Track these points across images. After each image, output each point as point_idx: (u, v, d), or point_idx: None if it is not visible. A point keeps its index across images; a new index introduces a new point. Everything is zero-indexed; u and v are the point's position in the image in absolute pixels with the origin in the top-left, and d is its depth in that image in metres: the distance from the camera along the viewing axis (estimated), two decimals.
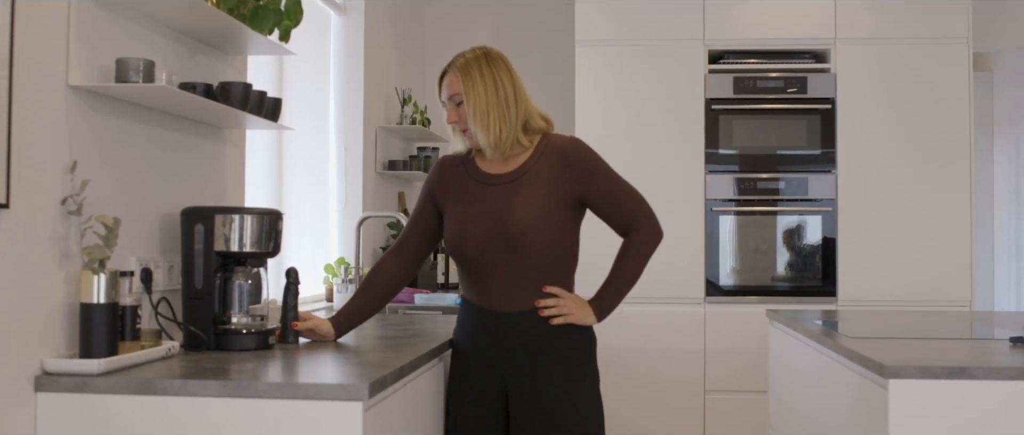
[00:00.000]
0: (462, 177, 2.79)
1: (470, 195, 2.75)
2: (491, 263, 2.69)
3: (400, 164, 5.13)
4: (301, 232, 4.34)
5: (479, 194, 2.74)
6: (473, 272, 2.74)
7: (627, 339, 5.14)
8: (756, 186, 5.23)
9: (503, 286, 2.71)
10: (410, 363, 2.53)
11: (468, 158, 2.82)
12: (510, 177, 2.74)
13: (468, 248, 2.70)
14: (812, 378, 3.40)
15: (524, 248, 2.67)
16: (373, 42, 4.92)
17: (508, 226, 2.66)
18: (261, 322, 2.74)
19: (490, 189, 2.74)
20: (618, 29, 5.29)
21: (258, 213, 2.72)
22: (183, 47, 2.86)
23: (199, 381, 2.15)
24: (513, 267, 2.69)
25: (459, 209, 2.74)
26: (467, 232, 2.70)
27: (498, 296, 2.72)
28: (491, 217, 2.68)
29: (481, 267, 2.71)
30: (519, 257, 2.68)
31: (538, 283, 2.72)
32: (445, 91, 2.78)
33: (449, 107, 2.76)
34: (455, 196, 2.77)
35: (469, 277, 2.77)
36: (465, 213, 2.73)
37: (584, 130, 5.22)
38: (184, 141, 2.90)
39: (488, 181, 2.75)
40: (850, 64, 5.26)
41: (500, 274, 2.70)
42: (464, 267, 2.77)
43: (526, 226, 2.66)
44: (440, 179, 2.83)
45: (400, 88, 5.27)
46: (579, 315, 2.72)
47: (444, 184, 2.82)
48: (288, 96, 4.09)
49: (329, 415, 2.10)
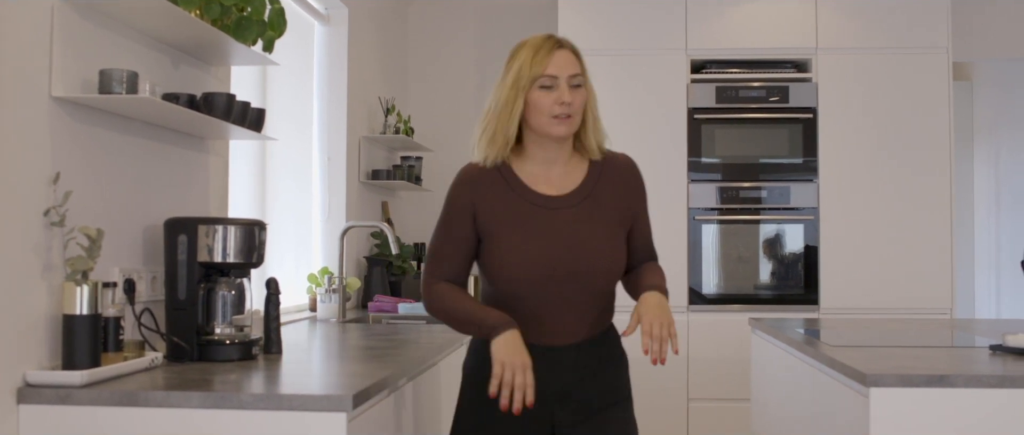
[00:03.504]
0: (507, 196, 2.44)
1: (526, 221, 2.41)
2: (550, 296, 2.40)
3: (384, 174, 5.13)
4: (284, 242, 4.33)
5: (538, 220, 2.41)
6: (522, 303, 2.41)
7: None
8: (738, 195, 5.26)
9: (561, 320, 2.42)
10: (394, 374, 2.53)
11: (504, 171, 2.46)
12: (570, 201, 2.44)
13: (525, 282, 2.39)
14: (794, 386, 3.41)
15: (592, 282, 2.41)
16: (356, 52, 4.92)
17: (579, 262, 2.39)
18: (244, 333, 2.74)
19: (550, 215, 2.42)
20: (601, 39, 5.31)
21: (241, 224, 2.72)
22: (167, 58, 2.86)
23: (182, 392, 2.14)
24: (575, 300, 2.41)
25: (515, 238, 2.40)
26: (527, 265, 2.38)
27: (553, 329, 2.42)
28: (557, 250, 2.39)
29: (536, 300, 2.40)
30: (584, 291, 2.41)
31: (596, 312, 2.46)
32: (563, 67, 2.37)
33: (563, 86, 2.35)
34: (504, 220, 2.42)
35: (513, 308, 2.40)
36: (524, 243, 2.39)
37: None
38: (168, 152, 2.89)
39: (546, 205, 2.43)
40: (831, 74, 5.29)
41: (559, 307, 2.41)
42: (508, 297, 2.42)
43: (598, 261, 2.40)
44: (479, 196, 2.44)
45: (383, 98, 5.27)
46: (672, 324, 2.35)
47: (484, 200, 2.44)
48: (272, 106, 4.09)
49: (313, 426, 2.10)
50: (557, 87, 2.36)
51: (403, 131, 5.26)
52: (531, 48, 2.40)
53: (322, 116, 4.77)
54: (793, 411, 3.45)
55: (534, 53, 2.38)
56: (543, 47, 2.39)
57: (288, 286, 4.33)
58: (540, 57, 2.37)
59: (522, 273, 2.39)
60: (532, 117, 2.38)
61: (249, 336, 2.74)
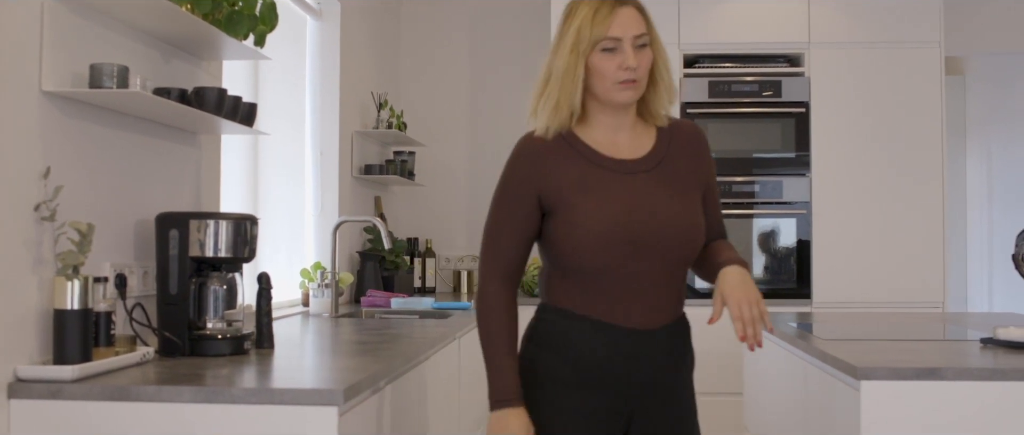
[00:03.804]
0: (578, 163, 2.21)
1: (602, 186, 2.19)
2: (634, 270, 2.16)
3: (376, 168, 5.13)
4: (277, 237, 4.33)
5: (614, 185, 2.19)
6: (603, 280, 2.17)
7: None
8: (731, 189, 5.26)
9: (647, 297, 2.19)
10: (386, 368, 2.53)
11: (570, 138, 2.23)
12: (644, 165, 2.23)
13: (607, 252, 2.14)
14: (786, 380, 3.42)
15: (677, 251, 2.19)
16: (349, 47, 4.92)
17: (664, 228, 2.17)
18: (236, 327, 2.74)
19: (627, 180, 2.20)
20: None
21: (233, 218, 2.72)
22: (158, 52, 2.85)
23: (174, 387, 2.14)
24: (659, 274, 2.19)
25: (591, 204, 2.17)
26: (609, 231, 2.14)
27: (638, 310, 2.18)
28: (640, 214, 2.16)
29: (618, 274, 2.17)
30: (669, 262, 2.19)
31: (678, 290, 2.25)
32: (627, 26, 2.14)
33: (628, 48, 2.13)
34: (578, 187, 2.19)
35: (592, 286, 2.19)
36: (603, 209, 2.16)
37: None
38: (159, 146, 2.89)
39: (621, 169, 2.21)
40: (824, 68, 5.30)
41: (643, 282, 2.18)
42: (586, 274, 2.18)
43: (682, 227, 2.20)
44: (544, 166, 2.21)
45: (376, 92, 5.27)
46: (761, 300, 2.16)
47: (552, 171, 2.20)
48: (264, 101, 4.09)
49: (304, 420, 2.10)
50: (620, 49, 2.14)
51: (396, 126, 5.26)
52: (589, 7, 2.16)
53: (315, 111, 4.76)
54: (785, 404, 3.46)
55: (594, 13, 2.15)
56: (603, 5, 2.15)
57: (281, 281, 4.33)
58: (601, 17, 2.14)
59: (604, 242, 2.13)
60: (594, 83, 2.17)
61: (241, 331, 2.74)
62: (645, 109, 2.27)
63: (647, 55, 2.17)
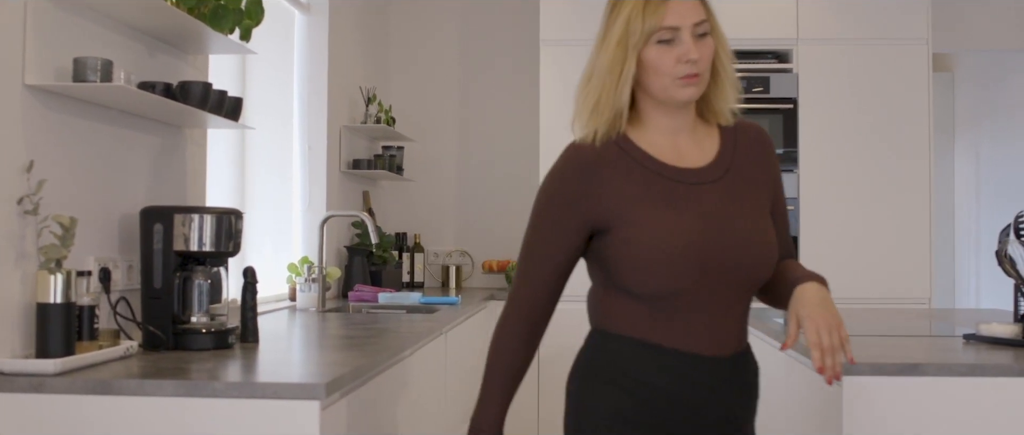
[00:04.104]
0: (637, 172, 1.94)
1: (667, 199, 1.92)
2: (706, 293, 1.90)
3: (365, 163, 5.13)
4: (264, 231, 4.33)
5: (680, 198, 1.93)
6: (668, 303, 1.91)
7: None
8: None
9: (715, 323, 1.93)
10: (370, 362, 2.54)
11: (624, 144, 1.96)
12: (710, 175, 1.96)
13: (675, 275, 1.88)
14: (770, 375, 3.43)
15: (752, 273, 1.94)
16: (337, 41, 4.92)
17: (738, 247, 1.92)
18: (221, 321, 2.74)
19: (694, 191, 1.94)
20: (583, 29, 5.29)
21: (217, 213, 2.72)
22: (143, 46, 2.85)
23: (156, 381, 2.15)
24: (732, 297, 1.94)
25: (655, 220, 1.90)
26: (678, 253, 1.87)
27: (707, 336, 1.93)
28: (711, 232, 1.90)
29: (686, 299, 1.90)
30: (742, 285, 1.94)
31: (745, 316, 2.01)
32: (685, 14, 1.90)
33: (687, 38, 1.88)
34: (641, 200, 1.92)
35: (657, 309, 1.92)
36: (669, 227, 1.89)
37: (549, 130, 5.24)
38: (144, 140, 2.89)
39: (686, 179, 1.95)
40: (812, 64, 5.31)
41: (713, 308, 1.92)
42: (649, 297, 1.92)
43: (757, 246, 1.95)
44: (596, 181, 1.94)
45: (364, 87, 5.27)
46: (842, 325, 1.89)
47: (607, 186, 1.93)
48: (251, 95, 4.09)
49: (286, 414, 2.11)
50: (679, 40, 1.89)
51: (384, 121, 5.26)
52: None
53: (302, 105, 4.76)
54: (769, 399, 3.46)
55: (645, 1, 1.90)
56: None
57: (268, 276, 4.33)
58: (654, 5, 1.90)
59: (672, 264, 1.87)
60: (650, 80, 1.91)
61: (225, 325, 2.74)
62: (706, 107, 2.00)
63: (708, 45, 1.92)
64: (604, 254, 1.95)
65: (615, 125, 1.96)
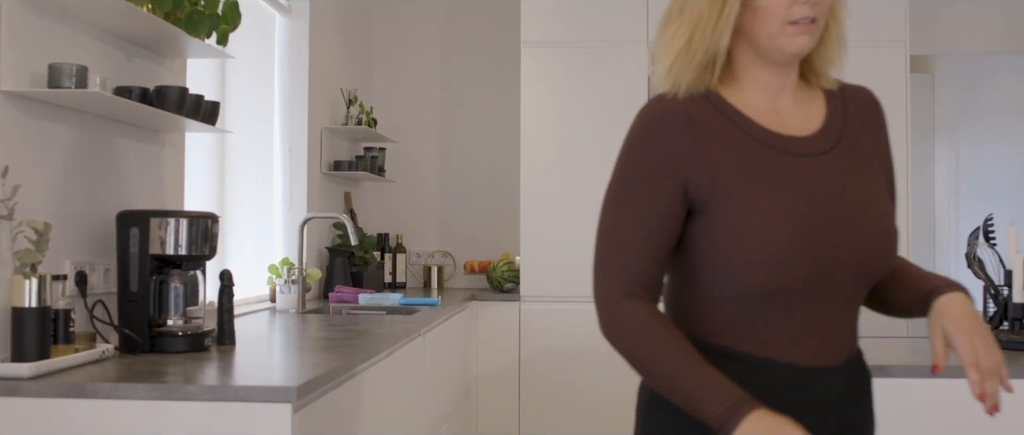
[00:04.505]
0: (735, 137, 1.61)
1: (772, 172, 1.60)
2: (815, 291, 1.59)
3: (346, 165, 5.15)
4: (245, 233, 4.35)
5: (787, 171, 1.60)
6: (774, 304, 1.59)
7: (573, 338, 5.19)
8: None
9: (831, 325, 1.62)
10: (344, 365, 2.56)
11: (717, 102, 1.64)
12: (821, 144, 1.65)
13: (785, 268, 1.55)
14: None
15: (871, 265, 1.62)
16: (318, 43, 4.94)
17: (858, 234, 1.60)
18: (197, 324, 2.76)
19: (803, 165, 1.62)
20: (563, 30, 5.34)
21: (193, 216, 2.74)
22: (119, 51, 2.87)
23: (129, 384, 2.17)
24: (844, 295, 1.62)
25: (760, 198, 1.57)
26: (790, 241, 1.55)
27: (822, 342, 1.61)
28: (826, 215, 1.58)
29: (797, 297, 1.58)
30: (858, 279, 1.62)
31: (857, 317, 1.69)
32: None
33: None
34: (738, 171, 1.59)
35: (759, 311, 1.59)
36: (778, 207, 1.56)
37: (530, 130, 5.26)
38: (121, 145, 2.91)
39: (793, 149, 1.62)
40: None
41: (826, 308, 1.61)
42: (750, 296, 1.59)
43: (879, 232, 1.63)
44: (693, 138, 1.60)
45: (345, 89, 5.29)
46: (996, 345, 1.59)
47: (705, 147, 1.60)
48: (232, 97, 4.11)
49: (258, 417, 2.13)
50: None
51: (366, 122, 5.28)
52: None
53: (283, 107, 4.78)
54: None
55: None
56: None
57: (249, 277, 4.35)
58: None
59: (782, 255, 1.54)
60: (755, 26, 1.60)
61: (201, 328, 2.76)
62: (807, 67, 1.71)
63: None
64: (694, 244, 1.61)
65: (705, 75, 1.63)
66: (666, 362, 1.57)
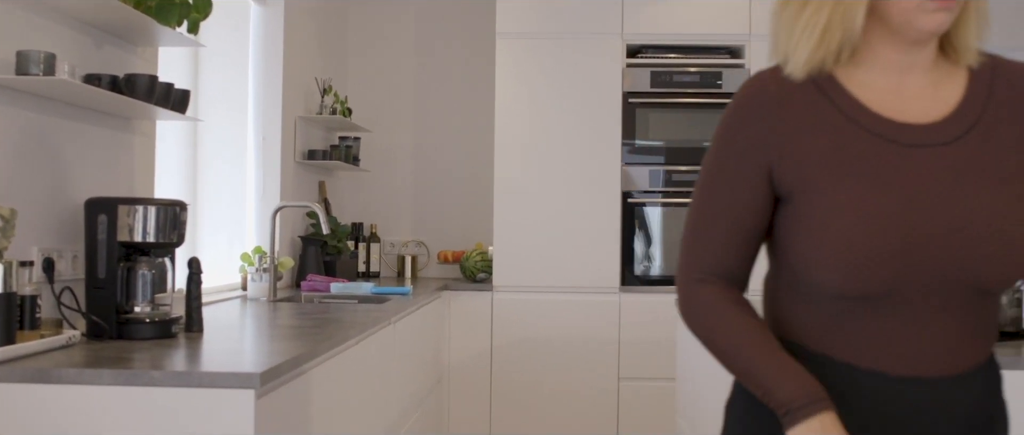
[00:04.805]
0: (835, 124, 1.49)
1: (871, 167, 1.46)
2: (913, 297, 1.46)
3: (320, 154, 5.16)
4: (218, 222, 4.36)
5: (891, 166, 1.46)
6: (862, 308, 1.48)
7: (545, 328, 5.23)
8: (671, 178, 5.35)
9: (932, 335, 1.47)
10: (309, 352, 2.58)
11: (826, 85, 1.51)
12: (944, 134, 1.48)
13: (869, 272, 1.43)
14: (711, 366, 3.50)
15: (985, 276, 1.45)
16: (293, 33, 4.94)
17: (966, 241, 1.43)
18: (164, 311, 2.78)
19: (912, 158, 1.46)
20: (538, 22, 5.36)
21: (162, 204, 2.75)
22: (89, 39, 2.88)
23: (94, 370, 2.18)
24: (952, 303, 1.47)
25: (846, 192, 1.45)
26: (873, 242, 1.42)
27: (919, 352, 1.48)
28: (928, 218, 1.43)
29: (890, 304, 1.46)
30: (970, 289, 1.46)
31: (984, 324, 1.52)
32: None
33: None
34: (832, 164, 1.47)
35: (844, 313, 1.49)
36: (871, 205, 1.43)
37: (504, 121, 5.29)
38: (91, 132, 2.92)
39: (905, 139, 1.47)
40: (764, 60, 5.36)
41: (929, 313, 1.47)
42: (835, 298, 1.48)
43: (997, 241, 1.43)
44: (785, 126, 1.50)
45: (320, 78, 5.30)
46: None
47: (796, 133, 1.49)
48: (205, 86, 4.12)
49: (221, 403, 2.15)
50: None
51: (340, 112, 5.30)
52: None
53: (257, 96, 4.79)
54: (708, 390, 3.55)
55: None
56: None
57: (222, 266, 4.37)
58: None
59: (865, 257, 1.42)
60: (888, 1, 1.46)
61: (169, 314, 2.78)
62: (947, 42, 1.54)
63: None
64: (776, 228, 1.55)
65: (832, 59, 1.50)
66: (740, 344, 1.52)
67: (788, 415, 1.44)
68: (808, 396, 1.43)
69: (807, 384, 1.45)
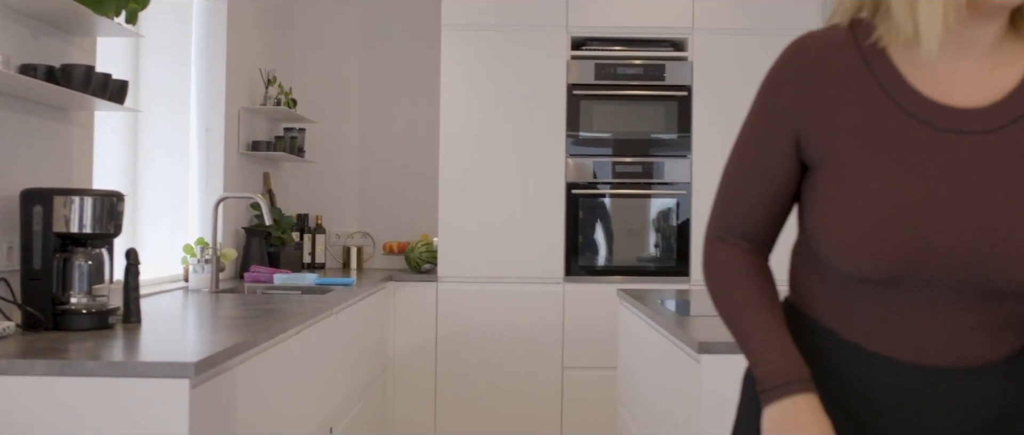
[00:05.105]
0: (871, 99, 1.42)
1: (899, 144, 1.39)
2: (936, 291, 1.40)
3: (264, 145, 5.15)
4: (160, 213, 4.35)
5: (925, 152, 1.39)
6: (881, 297, 1.44)
7: (489, 317, 5.27)
8: (615, 170, 5.40)
9: (954, 327, 1.43)
10: (247, 341, 2.60)
11: (871, 51, 1.43)
12: (992, 120, 1.39)
13: (881, 259, 1.38)
14: (648, 354, 3.57)
15: (1007, 276, 1.37)
16: (236, 23, 4.93)
17: (997, 242, 1.36)
18: (101, 302, 2.78)
19: (951, 145, 1.39)
20: (483, 14, 5.39)
21: (98, 195, 2.75)
22: (25, 28, 2.86)
23: (27, 360, 2.18)
24: (981, 299, 1.41)
25: (868, 173, 1.40)
26: (885, 231, 1.37)
27: (938, 343, 1.43)
28: (949, 207, 1.36)
29: (909, 294, 1.41)
30: (1000, 288, 1.39)
31: (1009, 322, 1.44)
32: None
33: None
34: (856, 135, 1.42)
35: (856, 294, 1.46)
36: (888, 188, 1.38)
37: (449, 112, 5.32)
38: (27, 123, 2.91)
39: (946, 124, 1.39)
40: (707, 53, 5.45)
41: (951, 307, 1.42)
42: (856, 284, 1.44)
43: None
44: (818, 94, 1.44)
45: (264, 69, 5.29)
46: None
47: (830, 104, 1.44)
48: (147, 77, 4.10)
49: (156, 393, 2.16)
50: None
51: (285, 103, 5.29)
52: None
53: (201, 87, 4.77)
54: (646, 377, 3.61)
55: None
56: None
57: (164, 258, 4.35)
58: None
59: (876, 244, 1.37)
60: None
61: (106, 305, 2.78)
62: (1019, 18, 1.42)
63: None
64: (802, 197, 1.53)
65: (917, 35, 1.37)
66: (741, 310, 1.52)
67: (764, 393, 1.44)
68: (787, 376, 1.43)
69: (789, 364, 1.44)
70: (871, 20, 1.45)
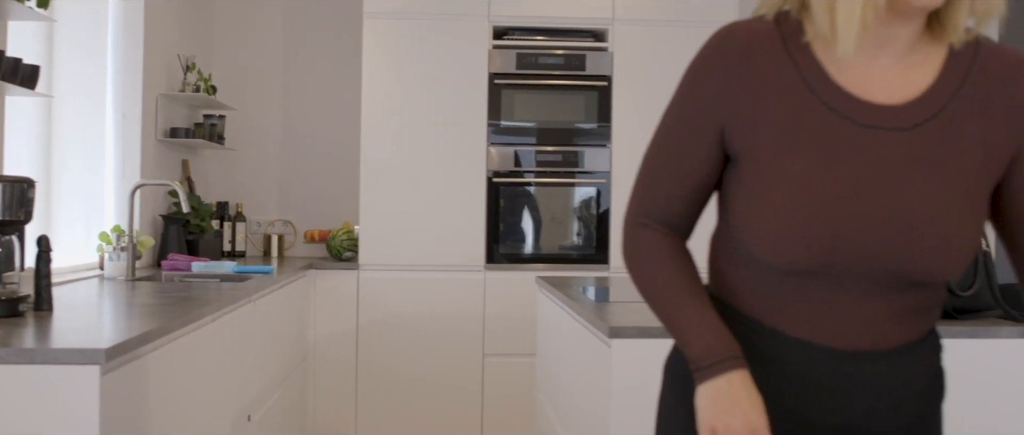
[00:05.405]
0: (793, 91, 1.45)
1: (821, 144, 1.43)
2: (847, 280, 1.45)
3: (183, 132, 5.11)
4: (74, 200, 4.29)
5: (843, 146, 1.42)
6: (793, 283, 1.48)
7: (410, 304, 5.28)
8: (536, 159, 5.45)
9: (858, 313, 1.48)
10: (160, 328, 2.59)
11: (796, 50, 1.47)
12: (908, 117, 1.44)
13: (797, 253, 1.43)
14: (563, 340, 3.62)
15: (923, 270, 1.43)
16: (154, 9, 4.87)
17: (906, 238, 1.41)
18: (12, 289, 2.75)
19: (867, 140, 1.43)
20: (405, 2, 5.39)
21: (7, 180, 2.72)
22: None
23: None
24: (886, 289, 1.46)
25: (788, 167, 1.43)
26: (804, 226, 1.41)
27: (843, 326, 1.49)
28: (870, 210, 1.41)
29: (820, 281, 1.46)
30: (906, 280, 1.45)
31: (920, 306, 1.51)
32: None
33: None
34: (778, 128, 1.45)
35: (772, 281, 1.50)
36: (803, 184, 1.42)
37: (371, 100, 5.32)
38: None
39: (864, 119, 1.43)
40: (627, 44, 5.52)
41: (857, 294, 1.47)
42: (770, 271, 1.49)
43: (939, 241, 1.41)
44: (744, 83, 1.47)
45: (183, 55, 5.24)
46: None
47: (754, 96, 1.47)
48: (61, 63, 4.04)
49: (66, 380, 2.15)
50: None
51: (204, 89, 5.24)
52: None
53: (117, 73, 4.71)
54: (562, 363, 3.66)
55: None
56: None
57: (80, 245, 4.30)
58: None
59: (794, 238, 1.42)
60: None
61: (16, 293, 2.75)
62: (935, 17, 1.46)
63: None
64: (722, 186, 1.56)
65: (863, 31, 1.40)
66: (666, 293, 1.55)
67: (699, 371, 1.48)
68: (719, 353, 1.47)
69: (721, 342, 1.48)
70: (796, 15, 1.49)
